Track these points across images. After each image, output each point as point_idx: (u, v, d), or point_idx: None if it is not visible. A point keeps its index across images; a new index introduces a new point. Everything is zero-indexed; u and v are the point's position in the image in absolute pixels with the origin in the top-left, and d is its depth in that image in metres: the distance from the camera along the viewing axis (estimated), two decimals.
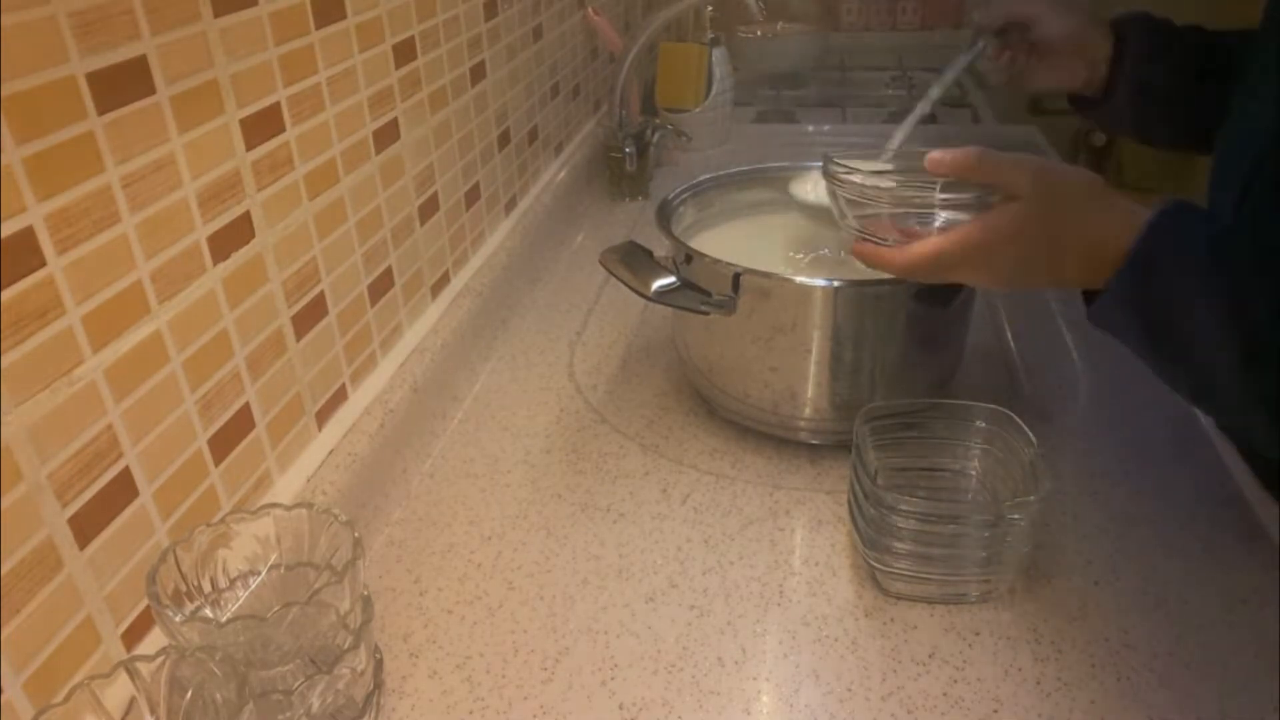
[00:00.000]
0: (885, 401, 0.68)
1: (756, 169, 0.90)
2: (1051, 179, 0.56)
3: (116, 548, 0.49)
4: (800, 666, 0.58)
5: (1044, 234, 0.55)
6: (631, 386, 0.88)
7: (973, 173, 0.57)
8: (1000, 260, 0.57)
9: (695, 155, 1.47)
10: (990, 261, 0.57)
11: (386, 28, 0.76)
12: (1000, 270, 0.58)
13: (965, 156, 0.57)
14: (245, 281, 0.59)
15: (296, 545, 0.53)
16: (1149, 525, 0.68)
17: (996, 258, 0.57)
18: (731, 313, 0.73)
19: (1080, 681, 0.56)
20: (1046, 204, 0.55)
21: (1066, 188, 0.55)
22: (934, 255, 0.58)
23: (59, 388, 0.45)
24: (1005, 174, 0.56)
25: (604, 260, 0.76)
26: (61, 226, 0.45)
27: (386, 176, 0.77)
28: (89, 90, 0.46)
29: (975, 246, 0.56)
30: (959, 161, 0.57)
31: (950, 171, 0.57)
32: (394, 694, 0.57)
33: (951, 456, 0.69)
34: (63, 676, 0.46)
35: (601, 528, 0.70)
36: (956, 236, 0.57)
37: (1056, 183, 0.56)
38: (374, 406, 0.73)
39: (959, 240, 0.57)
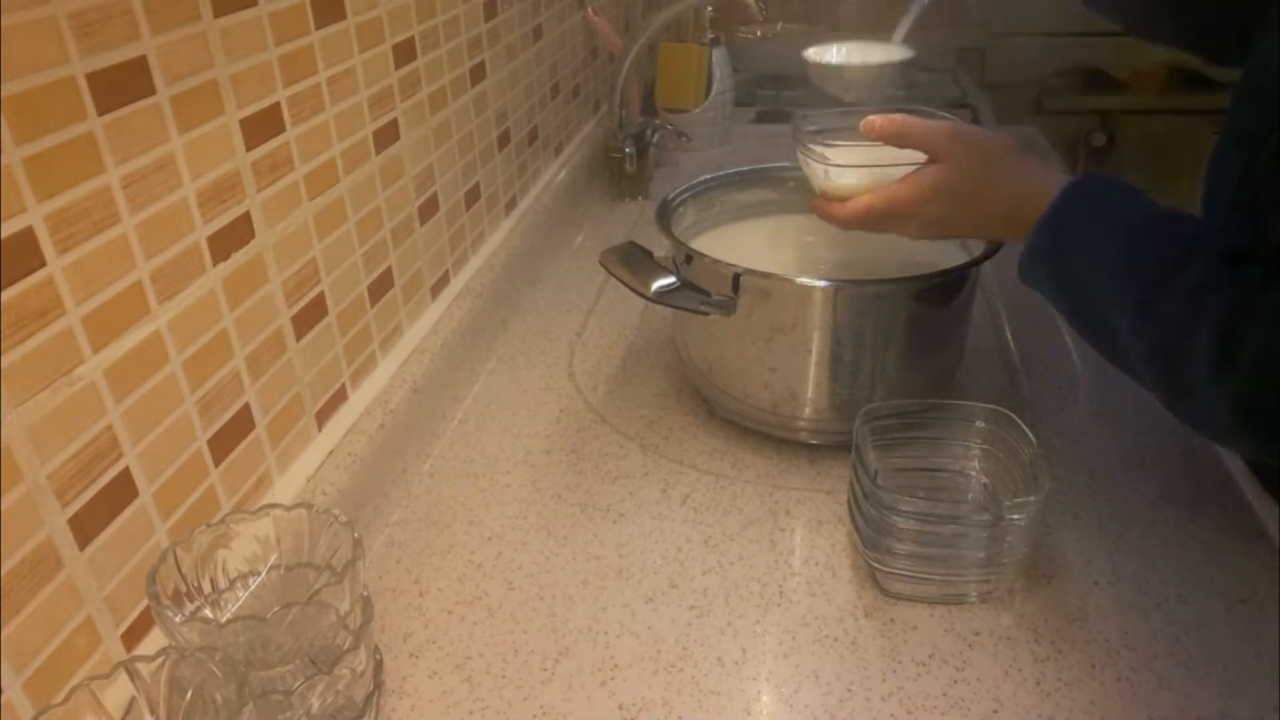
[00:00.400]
0: (885, 402, 0.68)
1: (756, 169, 0.90)
2: (968, 141, 0.62)
3: (116, 548, 0.49)
4: (800, 667, 0.58)
5: (963, 191, 0.62)
6: (631, 387, 0.88)
7: (898, 137, 0.64)
8: (924, 214, 0.64)
9: (695, 155, 1.47)
10: (915, 215, 0.64)
11: (386, 28, 0.76)
12: (926, 223, 0.65)
13: (891, 122, 0.64)
14: (245, 282, 0.59)
15: (296, 546, 0.53)
16: (1149, 525, 0.68)
17: (921, 212, 0.64)
18: (731, 313, 0.73)
19: (1080, 682, 0.56)
20: (964, 163, 0.62)
21: (983, 149, 0.62)
22: (865, 210, 0.65)
23: (59, 388, 0.45)
24: (926, 137, 0.63)
25: (604, 260, 0.76)
26: (61, 227, 0.45)
27: (386, 177, 0.77)
28: (89, 90, 0.46)
29: (900, 202, 0.64)
30: (886, 126, 0.64)
31: (879, 135, 0.64)
32: (394, 694, 0.57)
33: (951, 457, 0.69)
34: (63, 677, 0.46)
35: (601, 528, 0.70)
36: (885, 193, 0.64)
37: (973, 144, 0.62)
38: (374, 407, 0.73)
39: (887, 196, 0.64)
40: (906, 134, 0.64)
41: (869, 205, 0.65)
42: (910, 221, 0.65)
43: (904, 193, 0.64)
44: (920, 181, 0.63)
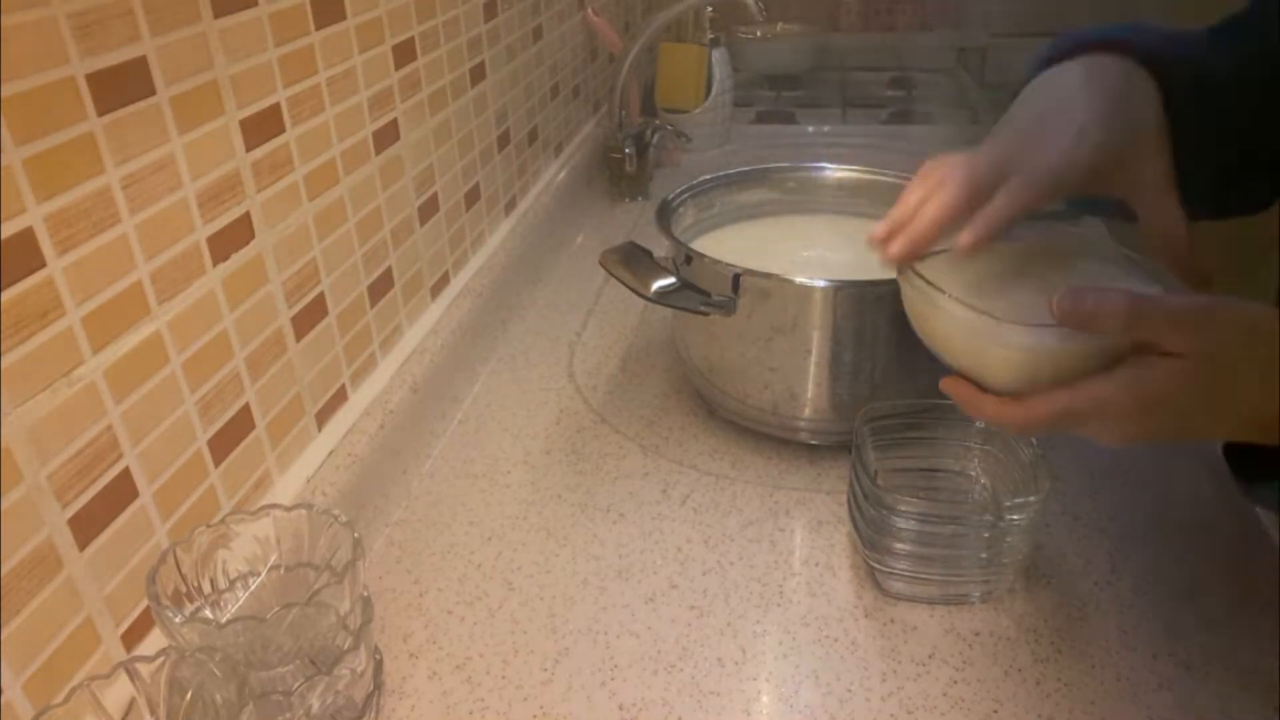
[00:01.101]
0: (885, 402, 0.68)
1: (756, 170, 0.90)
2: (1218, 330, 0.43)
3: (116, 549, 0.49)
4: (800, 667, 0.58)
5: (1205, 398, 0.44)
6: (631, 387, 0.88)
7: (1123, 330, 0.44)
8: (1143, 423, 0.46)
9: (695, 156, 1.47)
10: (1130, 423, 0.46)
11: (386, 28, 0.76)
12: (1139, 433, 0.46)
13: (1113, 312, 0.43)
14: (245, 282, 0.59)
15: (296, 546, 0.53)
16: (1149, 525, 0.68)
17: (1139, 420, 0.45)
18: (731, 313, 0.73)
19: (1080, 682, 0.56)
20: (1210, 364, 0.43)
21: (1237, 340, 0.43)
22: (1059, 413, 0.46)
23: (59, 388, 0.45)
24: (1162, 333, 0.44)
25: (604, 261, 0.76)
26: (61, 227, 0.45)
27: (386, 177, 0.77)
28: (89, 91, 0.46)
29: (1112, 409, 0.45)
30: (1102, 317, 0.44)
31: (1087, 326, 0.44)
32: (394, 695, 0.57)
33: (952, 457, 0.69)
34: (63, 677, 0.46)
35: (601, 528, 0.70)
36: (1087, 395, 0.45)
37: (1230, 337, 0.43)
38: (374, 407, 0.73)
39: (1091, 399, 0.45)
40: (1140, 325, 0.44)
41: (1067, 409, 0.46)
42: (1122, 429, 0.46)
43: (1119, 394, 0.45)
44: (1145, 383, 0.44)
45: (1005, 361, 0.48)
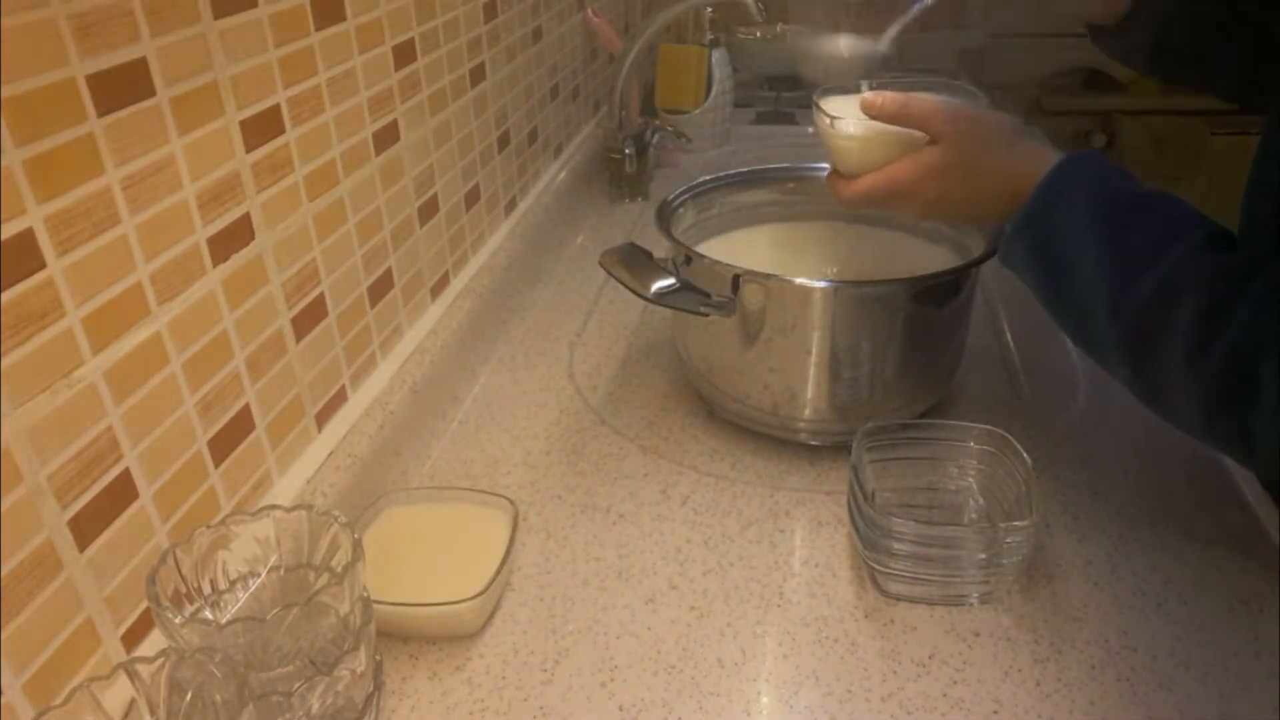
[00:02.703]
0: (882, 420, 0.69)
1: (756, 170, 0.90)
2: (966, 121, 0.63)
3: (116, 549, 0.49)
4: (800, 668, 0.58)
5: (960, 171, 0.63)
6: (631, 388, 0.88)
7: (898, 117, 0.64)
8: (924, 193, 0.64)
9: (695, 156, 1.47)
10: (915, 194, 0.65)
11: (386, 29, 0.76)
12: (926, 202, 0.66)
13: (892, 100, 0.64)
14: (245, 283, 0.59)
15: (296, 547, 0.53)
16: (1149, 526, 0.68)
17: (920, 191, 0.64)
18: (731, 314, 0.73)
19: (1080, 682, 0.56)
20: (962, 144, 0.63)
21: (983, 129, 0.63)
22: (868, 188, 0.66)
23: (59, 389, 0.45)
24: (925, 118, 0.63)
25: (603, 262, 0.76)
26: (61, 228, 0.45)
27: (386, 178, 0.77)
28: (89, 92, 0.46)
29: (901, 181, 0.65)
30: (887, 104, 0.64)
31: (880, 114, 0.65)
32: (394, 695, 0.57)
33: (948, 475, 0.69)
34: (63, 678, 0.46)
35: (601, 529, 0.70)
36: (886, 173, 0.65)
37: (971, 125, 0.63)
38: (374, 408, 0.73)
39: (888, 175, 0.65)
40: (906, 114, 0.64)
41: (872, 183, 0.66)
42: (911, 201, 0.66)
43: (904, 172, 0.64)
44: (919, 161, 0.64)
45: (842, 149, 0.69)
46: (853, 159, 0.69)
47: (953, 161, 0.63)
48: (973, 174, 0.63)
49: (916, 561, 0.61)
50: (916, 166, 0.64)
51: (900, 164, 0.65)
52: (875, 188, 0.66)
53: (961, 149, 0.63)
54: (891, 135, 0.66)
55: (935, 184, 0.64)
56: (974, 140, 0.63)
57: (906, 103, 0.64)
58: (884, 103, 0.64)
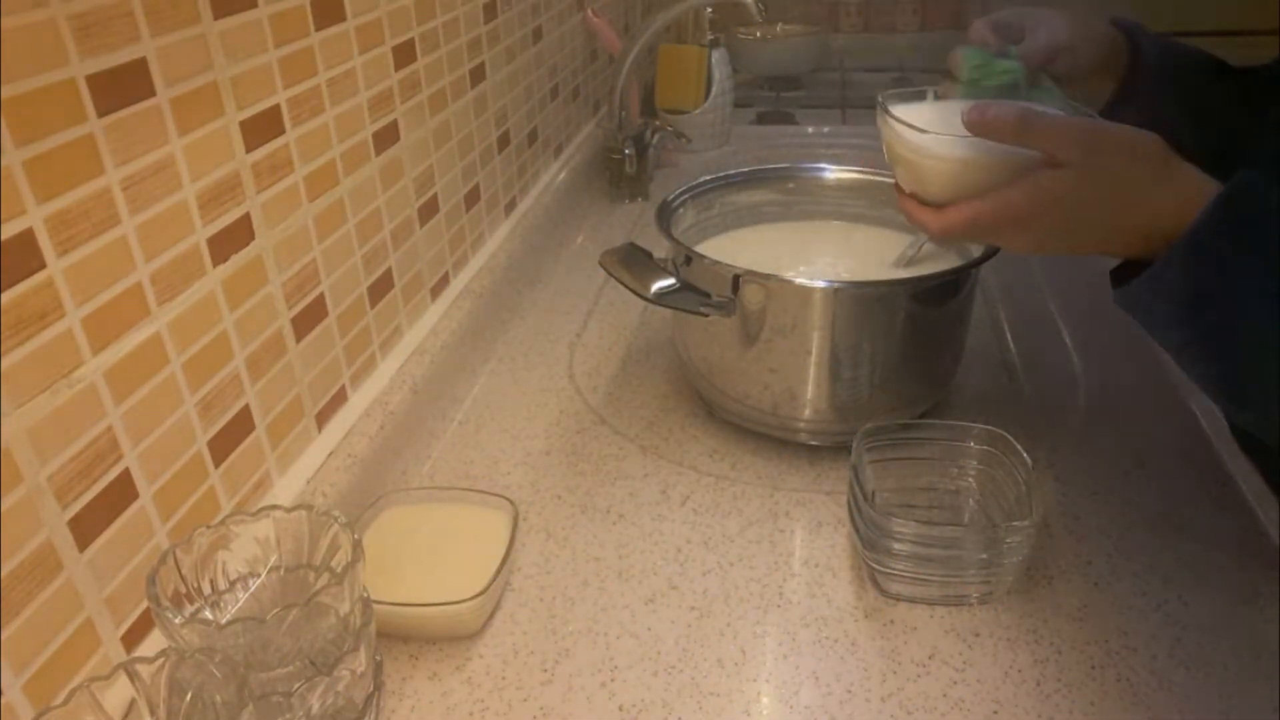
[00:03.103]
0: (882, 421, 0.69)
1: (756, 171, 0.90)
2: (1102, 145, 0.52)
3: (116, 550, 0.49)
4: (800, 668, 0.58)
5: (1090, 204, 0.52)
6: (631, 388, 0.88)
7: (1013, 136, 0.53)
8: (1041, 227, 0.54)
9: (695, 157, 1.47)
10: (1031, 227, 0.54)
11: (386, 30, 0.76)
12: (1042, 237, 0.55)
13: (1005, 117, 0.53)
14: (245, 283, 0.59)
15: (296, 547, 0.53)
16: (1149, 526, 0.68)
17: (1038, 224, 0.54)
18: (731, 314, 0.73)
19: (1080, 683, 0.56)
20: (1094, 173, 0.51)
21: (1119, 156, 0.52)
22: (971, 219, 0.55)
23: (59, 389, 0.45)
24: (1050, 139, 0.52)
25: (604, 262, 0.76)
26: (61, 229, 0.45)
27: (386, 178, 0.77)
28: (89, 92, 0.46)
29: (1017, 212, 0.53)
30: (998, 123, 0.53)
31: (987, 133, 0.53)
32: (394, 696, 0.57)
33: (948, 475, 0.69)
34: (63, 678, 0.46)
35: (601, 529, 0.70)
36: (994, 203, 0.54)
37: (1108, 150, 0.52)
38: (374, 408, 0.73)
39: (996, 206, 0.54)
40: (1027, 133, 0.52)
41: (976, 214, 0.54)
42: (1024, 234, 0.55)
43: (1019, 200, 0.53)
44: (1041, 189, 0.52)
45: (932, 171, 0.57)
46: (946, 183, 0.57)
47: (1086, 193, 0.52)
48: (1110, 209, 0.52)
49: (917, 562, 0.61)
50: (1037, 195, 0.52)
51: (1014, 191, 0.53)
52: (980, 219, 0.54)
53: (1097, 179, 0.51)
54: (1000, 156, 0.54)
55: (1059, 218, 0.53)
56: (1113, 169, 0.51)
57: (1026, 119, 0.52)
58: (996, 119, 0.53)
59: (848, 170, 0.89)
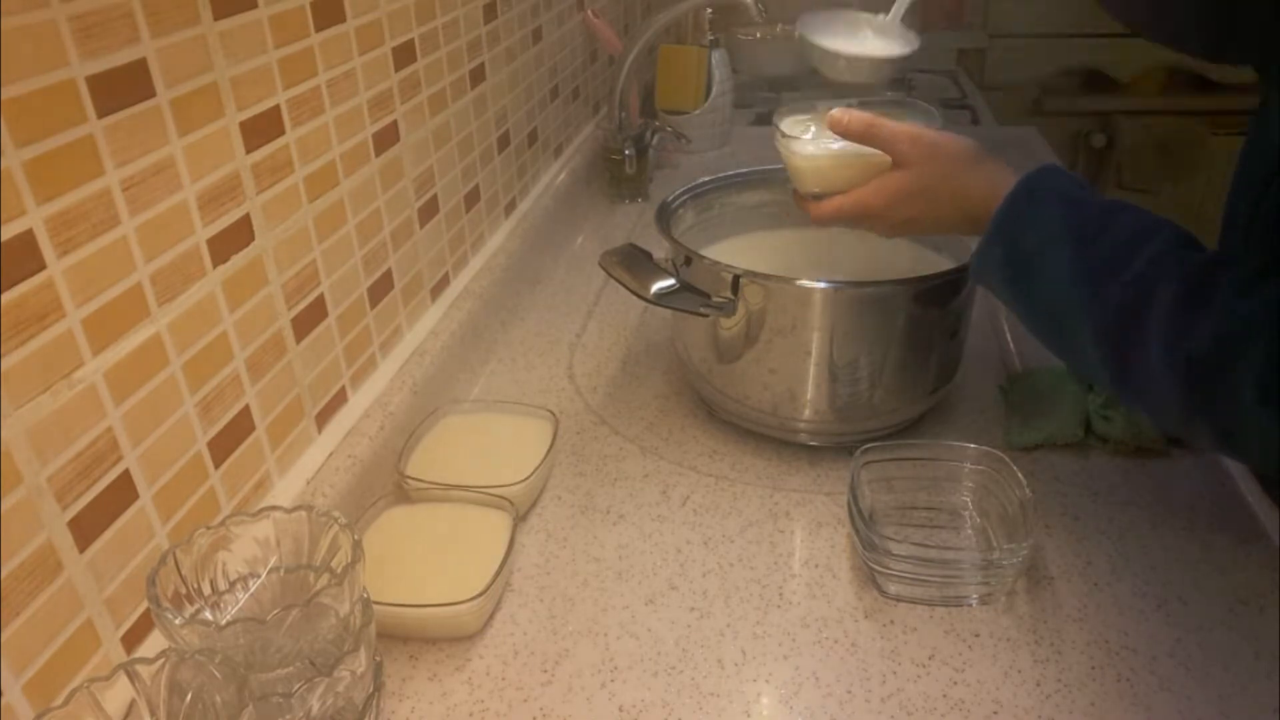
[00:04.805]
0: (880, 443, 0.69)
1: (756, 171, 0.90)
2: (929, 146, 0.64)
3: (116, 550, 0.49)
4: (800, 668, 0.58)
5: (925, 195, 0.65)
6: (631, 389, 0.88)
7: (864, 137, 0.65)
8: (891, 217, 0.67)
9: (695, 157, 1.47)
10: (882, 217, 0.67)
11: (386, 30, 0.76)
12: (894, 224, 0.67)
13: (860, 120, 0.65)
14: (245, 284, 0.59)
15: (296, 548, 0.53)
16: (1149, 527, 0.68)
17: (887, 215, 0.66)
18: (731, 315, 0.73)
19: (1080, 683, 0.56)
20: (925, 168, 0.64)
21: (945, 152, 0.64)
22: (835, 210, 0.68)
23: (59, 390, 0.45)
24: (889, 141, 0.65)
25: (603, 262, 0.76)
26: (61, 229, 0.45)
27: (386, 179, 0.78)
28: (89, 93, 0.46)
29: (867, 205, 0.66)
30: (853, 124, 0.65)
31: (846, 132, 0.66)
32: (393, 696, 0.57)
33: (946, 493, 0.70)
34: (63, 679, 0.46)
35: (601, 529, 0.70)
36: (853, 197, 0.67)
37: (933, 149, 0.64)
38: (374, 409, 0.73)
39: (855, 200, 0.67)
40: (872, 134, 0.65)
41: (838, 207, 0.68)
42: (879, 223, 0.68)
43: (869, 197, 0.66)
44: (885, 187, 0.66)
45: (800, 170, 0.71)
46: (811, 179, 0.70)
47: (917, 186, 0.64)
48: (938, 197, 0.64)
49: (917, 563, 0.61)
50: (883, 191, 0.66)
51: (867, 189, 0.66)
52: (842, 211, 0.68)
53: (925, 173, 0.64)
54: (852, 157, 0.67)
55: (902, 208, 0.66)
56: (937, 163, 0.64)
57: (873, 124, 0.65)
58: (851, 121, 0.65)
59: None
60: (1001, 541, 0.64)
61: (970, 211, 0.63)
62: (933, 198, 0.65)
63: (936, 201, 0.65)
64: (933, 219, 0.66)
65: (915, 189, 0.65)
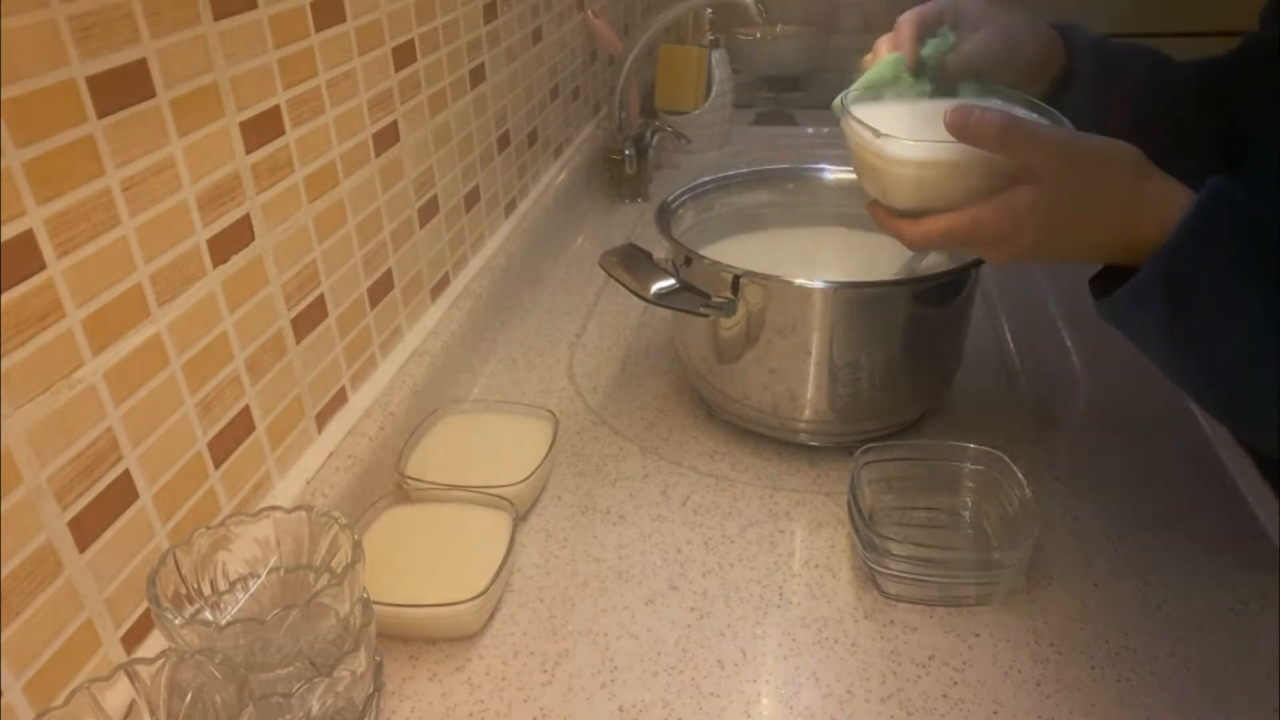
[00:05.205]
0: (881, 444, 0.69)
1: (756, 171, 0.90)
2: (1078, 160, 0.51)
3: (116, 551, 0.49)
4: (800, 668, 0.58)
5: (1071, 219, 0.51)
6: (631, 389, 0.88)
7: (996, 144, 0.51)
8: (1017, 243, 0.52)
9: (695, 157, 1.47)
10: (1005, 244, 0.53)
11: (386, 30, 0.76)
12: (1017, 251, 0.53)
13: (988, 125, 0.50)
14: (245, 284, 0.59)
15: (296, 548, 0.53)
16: (1148, 527, 0.68)
17: (1013, 240, 0.52)
18: (731, 315, 0.73)
19: (1080, 683, 0.56)
20: (1070, 189, 0.50)
21: (1094, 171, 0.51)
22: (942, 232, 0.54)
23: (59, 390, 0.45)
24: (1030, 151, 0.51)
25: (603, 262, 0.76)
26: (61, 230, 0.45)
27: (386, 179, 0.78)
28: (89, 93, 0.46)
29: (988, 227, 0.52)
30: (980, 130, 0.51)
31: (968, 138, 0.51)
32: (393, 696, 0.57)
33: (947, 493, 0.70)
34: (63, 679, 0.46)
35: (601, 530, 0.70)
36: (969, 215, 0.52)
37: (1083, 165, 0.51)
38: (374, 409, 0.73)
39: (971, 219, 0.52)
40: (1012, 139, 0.50)
41: (948, 227, 0.53)
42: (1000, 248, 0.53)
43: (991, 217, 0.52)
44: (1015, 204, 0.51)
45: (898, 179, 0.55)
46: (913, 192, 0.55)
47: (1061, 210, 0.51)
48: (1086, 224, 0.51)
49: (917, 563, 0.61)
50: (1012, 212, 0.51)
51: (989, 207, 0.52)
52: (953, 233, 0.53)
53: (1073, 191, 0.50)
54: (978, 163, 0.52)
55: (1034, 231, 0.51)
56: (1089, 184, 0.51)
57: (1011, 128, 0.50)
58: (979, 124, 0.50)
59: (848, 171, 0.89)
60: (1001, 541, 0.64)
61: (1128, 240, 0.50)
62: (1080, 221, 0.51)
63: (1084, 226, 0.51)
64: (1070, 246, 0.52)
65: (1058, 210, 0.51)
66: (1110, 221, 0.51)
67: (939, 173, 0.53)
